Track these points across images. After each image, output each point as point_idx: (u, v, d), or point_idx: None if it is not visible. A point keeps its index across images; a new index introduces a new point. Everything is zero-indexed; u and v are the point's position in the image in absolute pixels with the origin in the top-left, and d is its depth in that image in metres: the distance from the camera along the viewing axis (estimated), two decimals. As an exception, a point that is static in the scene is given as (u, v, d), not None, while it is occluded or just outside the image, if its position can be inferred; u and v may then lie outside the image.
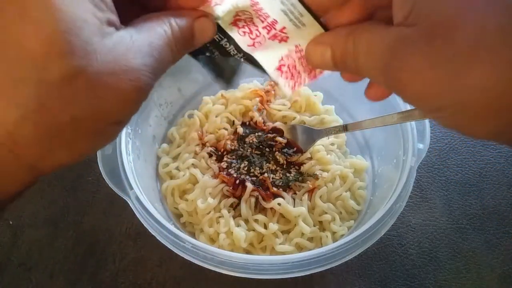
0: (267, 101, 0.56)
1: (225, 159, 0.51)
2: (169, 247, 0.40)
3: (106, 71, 0.18)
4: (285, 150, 0.52)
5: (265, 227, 0.47)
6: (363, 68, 0.22)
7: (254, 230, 0.47)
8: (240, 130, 0.54)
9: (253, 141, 0.52)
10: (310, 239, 0.48)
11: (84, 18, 0.18)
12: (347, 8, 0.24)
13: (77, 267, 0.49)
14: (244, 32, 0.26)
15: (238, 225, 0.47)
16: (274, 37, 0.26)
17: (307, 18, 0.25)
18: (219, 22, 0.25)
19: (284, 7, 0.24)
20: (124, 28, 0.21)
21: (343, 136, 0.57)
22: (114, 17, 0.20)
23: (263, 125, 0.54)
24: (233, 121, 0.56)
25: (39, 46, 0.17)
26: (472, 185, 0.56)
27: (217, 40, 0.27)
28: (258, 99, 0.56)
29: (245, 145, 0.52)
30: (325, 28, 0.25)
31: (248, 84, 0.57)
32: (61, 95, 0.18)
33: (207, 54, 0.28)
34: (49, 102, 0.18)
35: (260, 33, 0.26)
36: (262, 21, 0.25)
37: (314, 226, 0.48)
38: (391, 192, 0.43)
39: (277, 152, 0.52)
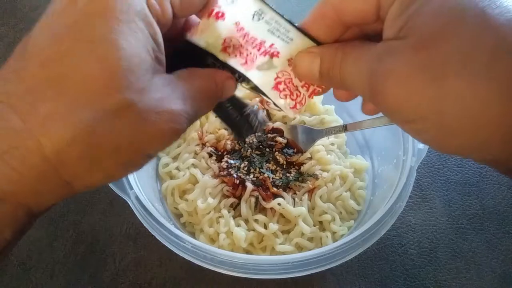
0: (267, 101, 0.56)
1: (225, 159, 0.51)
2: (169, 247, 0.40)
3: (152, 109, 0.21)
4: (285, 150, 0.52)
5: (265, 227, 0.47)
6: (348, 80, 0.24)
7: (254, 230, 0.47)
8: (240, 130, 0.54)
9: (253, 141, 0.52)
10: (310, 239, 0.48)
11: (141, 56, 0.20)
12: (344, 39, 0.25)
13: (77, 267, 0.49)
14: (236, 55, 0.25)
15: (238, 225, 0.47)
16: (266, 53, 0.26)
17: (293, 33, 0.25)
18: (208, 48, 0.25)
19: (269, 27, 0.25)
20: (173, 74, 0.23)
21: (343, 136, 0.57)
22: (163, 57, 0.22)
23: (263, 125, 0.54)
24: (233, 121, 0.56)
25: (101, 79, 0.19)
26: (472, 185, 0.56)
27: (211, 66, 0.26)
28: (258, 99, 0.56)
29: (245, 145, 0.52)
30: (315, 40, 0.25)
31: (248, 84, 0.57)
32: (110, 124, 0.20)
33: None
34: (99, 129, 0.20)
35: (251, 52, 0.25)
36: (251, 43, 0.25)
37: (314, 226, 0.48)
38: (391, 192, 0.43)
39: (277, 152, 0.52)
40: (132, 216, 0.41)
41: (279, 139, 0.52)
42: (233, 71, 0.26)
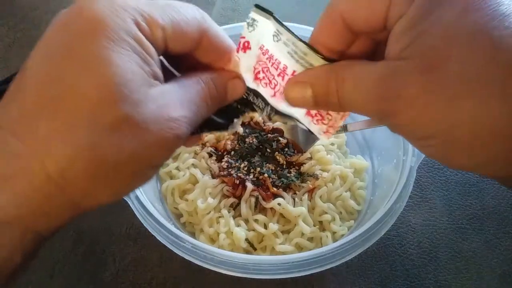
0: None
1: (225, 159, 0.51)
2: (169, 247, 0.40)
3: (150, 119, 0.21)
4: (285, 150, 0.52)
5: (265, 227, 0.47)
6: (349, 103, 0.23)
7: (254, 230, 0.47)
8: (240, 130, 0.54)
9: (253, 141, 0.52)
10: (310, 239, 0.48)
11: (134, 71, 0.21)
12: (354, 47, 0.25)
13: (77, 267, 0.49)
14: (266, 84, 0.26)
15: (238, 225, 0.47)
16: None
17: (311, 56, 0.24)
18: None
19: (288, 49, 0.24)
20: (168, 83, 0.23)
21: (343, 136, 0.57)
22: (159, 72, 0.23)
23: (263, 125, 0.54)
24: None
25: (95, 95, 0.19)
26: (472, 185, 0.56)
27: (245, 97, 0.28)
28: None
29: (245, 145, 0.52)
30: (330, 59, 0.25)
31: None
32: (110, 138, 0.20)
33: (239, 116, 0.29)
34: (99, 144, 0.20)
35: (277, 82, 0.26)
36: (276, 69, 0.25)
37: (314, 226, 0.48)
38: (391, 192, 0.43)
39: (277, 152, 0.52)
40: (132, 216, 0.41)
41: (280, 139, 0.52)
42: (266, 101, 0.27)
